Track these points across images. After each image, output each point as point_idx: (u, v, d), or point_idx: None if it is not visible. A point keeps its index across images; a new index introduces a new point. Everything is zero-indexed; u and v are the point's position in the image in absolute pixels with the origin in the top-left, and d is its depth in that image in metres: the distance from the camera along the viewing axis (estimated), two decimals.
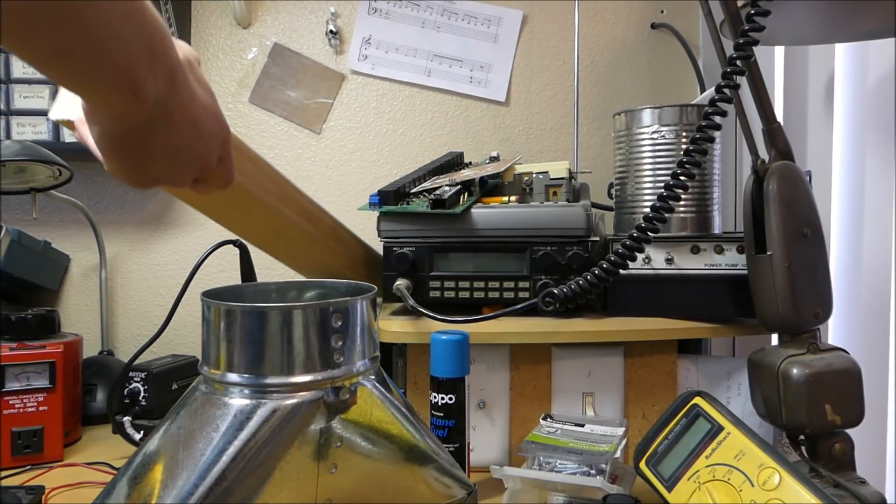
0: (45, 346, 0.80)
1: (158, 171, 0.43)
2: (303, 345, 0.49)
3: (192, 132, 0.43)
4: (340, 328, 0.50)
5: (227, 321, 0.49)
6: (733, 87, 0.59)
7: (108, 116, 0.39)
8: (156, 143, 0.41)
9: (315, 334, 0.49)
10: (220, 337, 0.50)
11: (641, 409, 0.77)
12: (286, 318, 0.49)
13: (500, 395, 0.77)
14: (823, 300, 0.63)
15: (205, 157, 0.45)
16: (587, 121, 1.17)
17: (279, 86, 1.15)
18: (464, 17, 1.15)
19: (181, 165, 0.44)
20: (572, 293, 0.64)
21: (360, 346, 0.52)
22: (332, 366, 0.50)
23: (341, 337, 0.50)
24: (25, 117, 1.01)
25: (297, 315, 0.49)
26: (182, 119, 0.41)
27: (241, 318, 0.49)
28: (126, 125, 0.39)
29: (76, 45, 0.33)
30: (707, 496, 0.55)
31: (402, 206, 0.79)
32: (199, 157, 0.45)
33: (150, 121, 0.40)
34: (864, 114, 0.79)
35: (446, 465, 0.56)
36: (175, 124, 0.41)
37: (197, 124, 0.43)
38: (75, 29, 0.32)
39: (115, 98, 0.37)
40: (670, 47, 1.17)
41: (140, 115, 0.39)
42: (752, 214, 0.66)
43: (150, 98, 0.38)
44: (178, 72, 0.40)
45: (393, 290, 0.77)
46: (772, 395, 0.61)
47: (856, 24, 0.73)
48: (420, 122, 1.17)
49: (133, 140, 0.40)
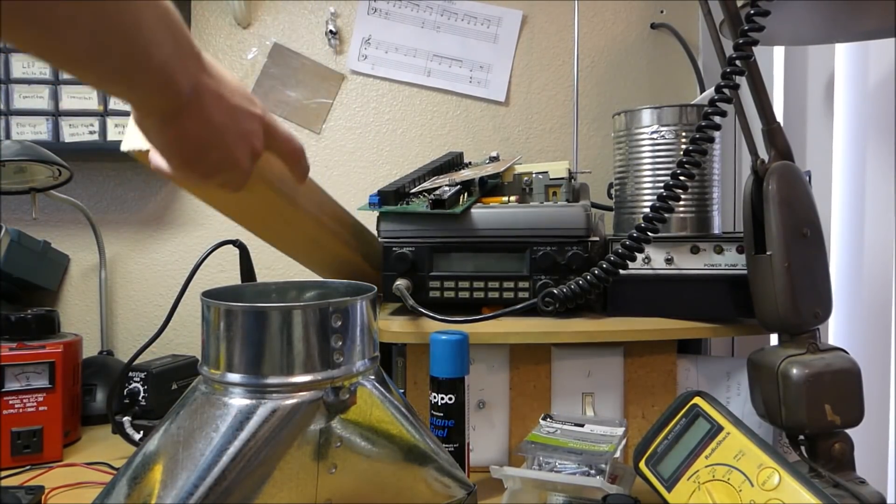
0: (44, 347, 0.80)
1: (216, 155, 0.47)
2: (302, 345, 0.49)
3: (228, 109, 0.47)
4: (340, 328, 0.50)
5: (227, 321, 0.49)
6: (733, 87, 0.59)
7: (155, 116, 0.43)
8: (202, 127, 0.45)
9: (315, 334, 0.49)
10: (220, 337, 0.50)
11: (641, 409, 0.77)
12: (286, 318, 0.49)
13: (500, 395, 0.77)
14: (823, 300, 0.63)
15: (249, 130, 0.49)
16: (587, 121, 1.17)
17: (279, 86, 1.15)
18: (464, 17, 1.15)
19: (232, 143, 0.47)
20: (572, 293, 0.64)
21: (359, 346, 0.52)
22: (331, 366, 0.50)
23: (341, 337, 0.50)
24: (25, 117, 1.01)
25: (297, 315, 0.49)
26: (216, 100, 0.45)
27: (241, 318, 0.49)
28: (172, 118, 0.43)
29: (118, 51, 0.36)
30: (707, 496, 0.55)
31: (402, 206, 0.79)
32: (245, 133, 0.48)
33: (189, 107, 0.43)
34: (864, 114, 0.79)
35: (446, 465, 0.56)
36: (212, 105, 0.45)
37: (230, 100, 0.47)
38: (117, 36, 0.36)
39: (156, 95, 0.41)
40: (670, 47, 1.17)
41: (180, 105, 0.43)
42: (752, 214, 0.66)
43: (186, 88, 0.42)
44: (201, 60, 0.44)
45: (393, 290, 0.77)
46: (771, 395, 0.61)
47: (856, 24, 0.73)
48: (420, 122, 1.17)
49: (182, 130, 0.44)
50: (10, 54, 1.00)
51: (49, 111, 1.00)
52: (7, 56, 1.00)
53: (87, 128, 1.01)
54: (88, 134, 1.01)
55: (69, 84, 1.00)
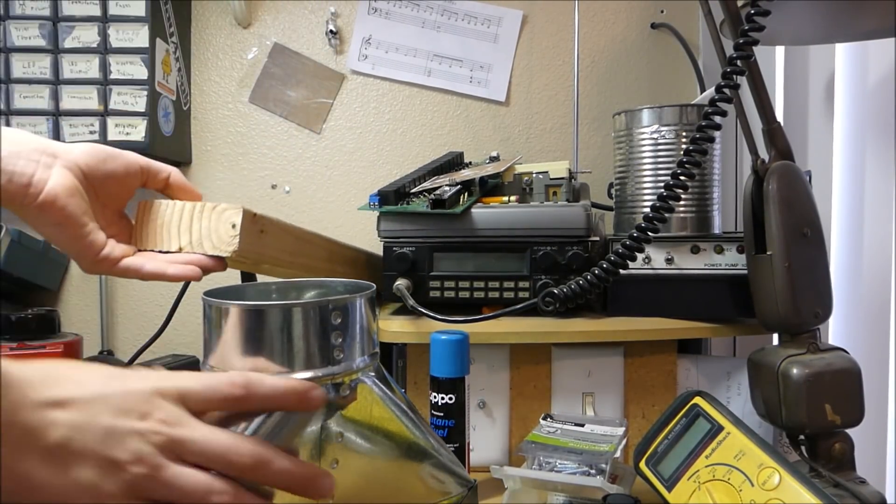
0: (45, 346, 0.80)
1: None
2: (303, 342, 0.49)
3: None
4: (340, 325, 0.50)
5: (229, 320, 0.49)
6: (733, 86, 0.59)
7: None
8: None
9: (315, 332, 0.49)
10: (222, 335, 0.50)
11: (641, 409, 0.77)
12: (287, 316, 0.49)
13: (500, 395, 0.77)
14: (823, 300, 0.63)
15: None
16: (587, 121, 1.17)
17: (279, 86, 1.15)
18: (464, 17, 1.15)
19: None
20: (572, 293, 0.64)
21: (359, 343, 0.52)
22: (332, 362, 0.50)
23: (341, 334, 0.50)
24: (25, 117, 1.01)
25: (297, 313, 0.49)
26: None
27: (243, 316, 0.49)
28: None
29: None
30: (707, 496, 0.55)
31: (402, 206, 0.79)
32: None
33: None
34: (864, 114, 0.79)
35: (446, 462, 0.56)
36: None
37: None
38: None
39: None
40: (670, 47, 1.17)
41: None
42: (752, 214, 0.66)
43: None
44: None
45: (393, 290, 0.77)
46: (772, 395, 0.61)
47: (856, 24, 0.73)
48: (420, 122, 1.17)
49: None
50: (10, 54, 1.00)
51: (49, 111, 1.00)
52: (7, 56, 1.00)
53: (88, 128, 1.01)
54: (89, 134, 1.00)
55: (69, 84, 1.00)
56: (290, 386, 0.41)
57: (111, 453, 0.34)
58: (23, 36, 0.99)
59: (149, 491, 0.34)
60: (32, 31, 0.99)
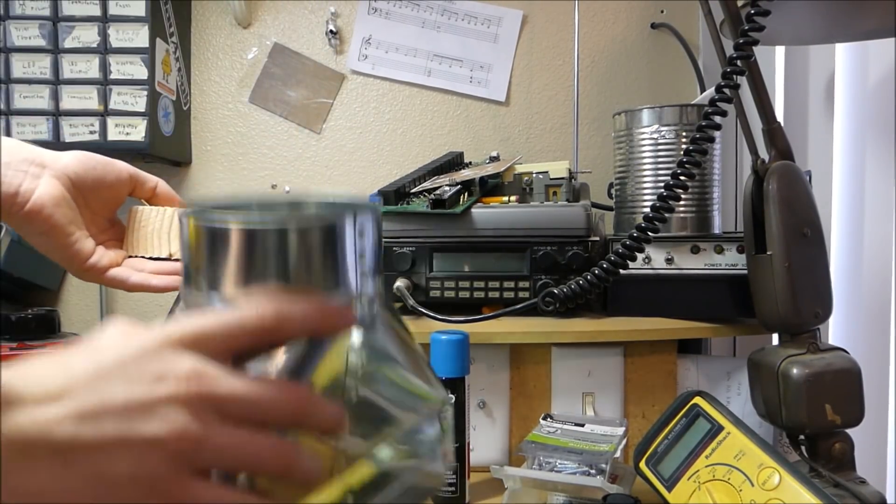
0: (45, 346, 0.80)
1: None
2: (333, 261, 0.40)
3: None
4: (362, 242, 0.43)
5: (263, 243, 0.39)
6: (733, 86, 0.59)
7: None
8: None
9: (344, 249, 0.40)
10: (243, 262, 0.42)
11: (641, 409, 0.77)
12: (328, 235, 0.39)
13: (500, 395, 0.77)
14: (823, 300, 0.63)
15: None
16: (587, 121, 1.17)
17: (279, 86, 1.15)
18: (464, 17, 1.15)
19: None
20: (572, 293, 0.64)
21: (375, 262, 0.45)
22: (358, 282, 0.42)
23: (364, 251, 0.43)
24: (25, 117, 1.01)
25: (339, 227, 0.40)
26: None
27: (273, 238, 0.38)
28: None
29: None
30: (707, 496, 0.55)
31: (403, 205, 0.79)
32: None
33: None
34: (864, 114, 0.79)
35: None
36: None
37: None
38: None
39: None
40: (670, 47, 1.16)
41: None
42: (752, 214, 0.66)
43: None
44: None
45: (393, 290, 0.77)
46: (772, 395, 0.61)
47: (856, 24, 0.73)
48: (420, 122, 1.17)
49: None
50: (10, 54, 1.00)
51: (49, 111, 1.00)
52: (7, 56, 1.00)
53: (88, 128, 1.01)
54: (89, 134, 1.00)
55: (70, 84, 1.00)
56: (324, 308, 0.35)
57: (139, 433, 0.28)
58: (23, 36, 0.99)
59: (197, 462, 0.29)
60: (32, 31, 0.99)
